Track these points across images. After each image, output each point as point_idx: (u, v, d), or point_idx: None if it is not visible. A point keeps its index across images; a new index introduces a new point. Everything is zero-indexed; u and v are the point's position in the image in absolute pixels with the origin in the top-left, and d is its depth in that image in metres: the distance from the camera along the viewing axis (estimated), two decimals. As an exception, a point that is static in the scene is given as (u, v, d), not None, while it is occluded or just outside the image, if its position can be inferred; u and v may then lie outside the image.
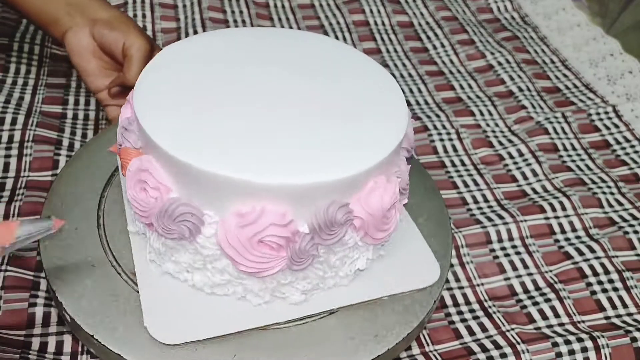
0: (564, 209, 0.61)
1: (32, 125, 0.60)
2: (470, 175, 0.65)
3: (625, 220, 0.62)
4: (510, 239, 0.59)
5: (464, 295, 0.54)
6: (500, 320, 0.52)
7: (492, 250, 0.58)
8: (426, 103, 0.74)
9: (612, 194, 0.64)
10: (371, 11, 0.88)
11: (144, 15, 0.80)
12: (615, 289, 0.55)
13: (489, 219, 0.60)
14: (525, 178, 0.66)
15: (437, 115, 0.72)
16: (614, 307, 0.54)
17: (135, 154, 0.42)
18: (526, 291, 0.55)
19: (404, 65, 0.80)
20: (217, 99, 0.43)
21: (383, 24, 0.87)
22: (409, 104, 0.74)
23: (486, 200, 0.63)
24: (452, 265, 0.56)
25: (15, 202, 0.54)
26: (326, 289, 0.45)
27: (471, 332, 0.51)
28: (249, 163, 0.39)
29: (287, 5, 0.88)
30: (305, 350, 0.42)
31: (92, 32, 0.57)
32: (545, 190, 0.64)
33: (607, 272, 0.56)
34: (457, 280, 0.55)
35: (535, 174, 0.66)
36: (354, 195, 0.41)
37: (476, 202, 0.62)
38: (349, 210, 0.40)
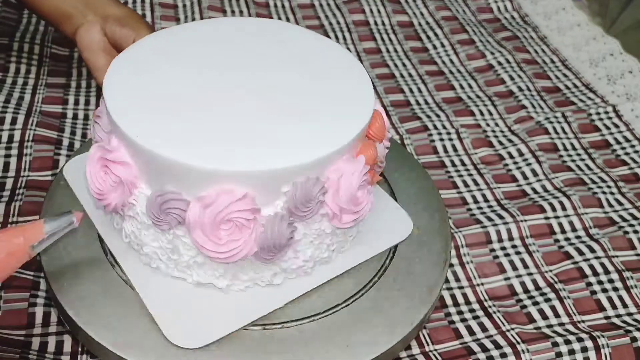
0: (564, 208, 0.61)
1: (32, 125, 0.60)
2: (470, 175, 0.65)
3: (625, 220, 0.62)
4: (510, 238, 0.59)
5: (464, 295, 0.54)
6: (500, 320, 0.52)
7: (492, 250, 0.58)
8: (426, 103, 0.74)
9: (612, 193, 0.64)
10: (371, 11, 0.88)
11: (144, 15, 0.80)
12: (615, 289, 0.55)
13: (489, 219, 0.60)
14: (525, 178, 0.66)
15: (437, 115, 0.72)
16: (614, 307, 0.54)
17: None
18: (526, 291, 0.55)
19: (404, 65, 0.80)
20: (184, 91, 0.44)
21: (383, 23, 0.87)
22: (408, 103, 0.74)
23: (486, 200, 0.63)
24: (452, 265, 0.56)
25: (15, 202, 0.54)
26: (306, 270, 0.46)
27: (471, 332, 0.51)
28: (212, 151, 0.39)
29: (287, 5, 0.88)
30: (305, 349, 0.42)
31: (104, 28, 0.58)
32: (545, 190, 0.64)
33: (607, 272, 0.56)
34: (457, 280, 0.55)
35: (535, 174, 0.66)
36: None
37: (476, 202, 0.62)
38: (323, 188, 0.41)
